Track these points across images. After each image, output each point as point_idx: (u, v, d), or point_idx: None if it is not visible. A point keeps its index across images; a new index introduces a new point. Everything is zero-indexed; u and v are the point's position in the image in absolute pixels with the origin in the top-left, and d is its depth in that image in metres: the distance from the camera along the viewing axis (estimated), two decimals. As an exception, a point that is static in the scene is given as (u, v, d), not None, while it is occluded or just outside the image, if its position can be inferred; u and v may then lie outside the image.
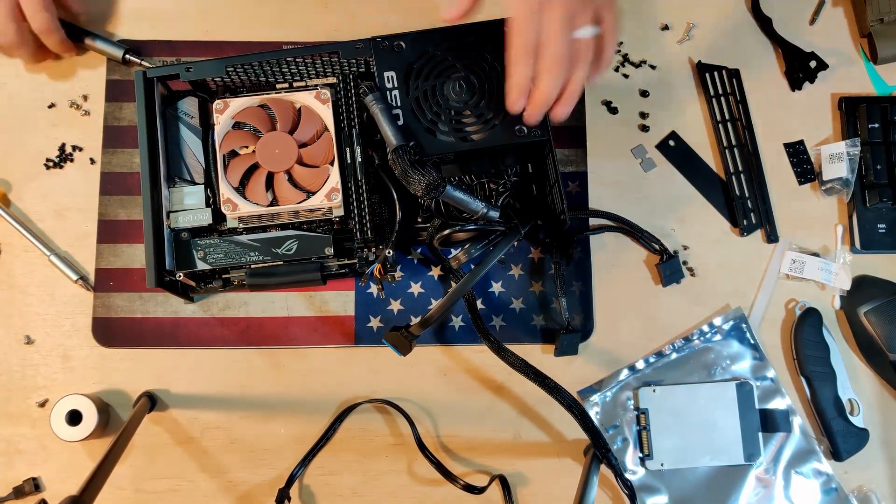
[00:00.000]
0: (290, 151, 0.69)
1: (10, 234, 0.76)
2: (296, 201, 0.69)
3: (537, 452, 0.74)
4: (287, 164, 0.69)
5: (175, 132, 0.72)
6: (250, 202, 0.69)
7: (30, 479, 0.72)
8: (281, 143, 0.69)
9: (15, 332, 0.75)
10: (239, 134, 0.71)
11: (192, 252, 0.70)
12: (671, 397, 0.74)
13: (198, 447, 0.74)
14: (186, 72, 0.70)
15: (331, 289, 0.76)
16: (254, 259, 0.70)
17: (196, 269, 0.70)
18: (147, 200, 0.68)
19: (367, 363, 0.75)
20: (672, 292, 0.77)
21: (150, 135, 0.69)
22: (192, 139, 0.72)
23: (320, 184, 0.69)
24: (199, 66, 0.70)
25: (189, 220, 0.70)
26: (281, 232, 0.70)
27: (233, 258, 0.70)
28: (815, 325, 0.75)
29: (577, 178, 0.79)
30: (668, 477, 0.74)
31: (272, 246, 0.70)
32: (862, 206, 0.79)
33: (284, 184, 0.69)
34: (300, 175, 0.69)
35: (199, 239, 0.70)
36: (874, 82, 0.82)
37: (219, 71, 0.70)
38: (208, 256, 0.70)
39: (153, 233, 0.68)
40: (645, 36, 0.82)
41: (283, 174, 0.69)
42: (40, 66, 0.79)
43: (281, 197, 0.69)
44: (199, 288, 0.73)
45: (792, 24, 0.83)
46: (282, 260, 0.70)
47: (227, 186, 0.69)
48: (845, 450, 0.73)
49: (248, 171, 0.70)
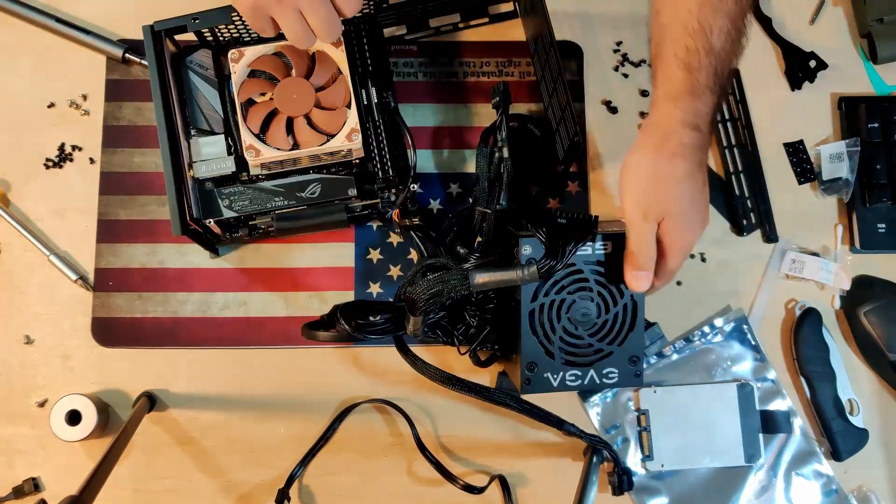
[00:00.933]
0: (308, 96, 0.70)
1: (9, 234, 0.76)
2: (316, 144, 0.69)
3: (537, 452, 0.74)
4: (306, 108, 0.70)
5: (190, 85, 0.72)
6: (272, 147, 0.69)
7: (29, 479, 0.72)
8: (298, 88, 0.70)
9: (15, 332, 0.75)
10: (256, 82, 0.71)
11: (217, 201, 0.71)
12: (672, 398, 0.74)
13: (198, 447, 0.74)
14: (193, 21, 0.69)
15: (330, 288, 0.76)
16: (279, 204, 0.71)
17: (223, 218, 0.70)
18: (166, 151, 0.68)
19: (366, 363, 0.75)
20: (672, 293, 0.77)
21: (163, 86, 0.69)
22: (208, 90, 0.72)
23: (339, 126, 0.70)
24: (205, 16, 0.69)
25: (212, 170, 0.71)
26: (303, 176, 0.71)
27: (258, 204, 0.71)
28: (815, 325, 0.75)
29: (577, 178, 0.79)
30: (669, 478, 0.74)
31: (296, 190, 0.71)
32: (862, 206, 0.78)
33: (304, 128, 0.70)
34: (319, 118, 0.70)
35: (222, 188, 0.71)
36: (874, 82, 0.82)
37: (226, 19, 0.69)
38: (234, 204, 0.70)
39: (174, 182, 0.67)
40: (645, 36, 0.82)
41: (303, 118, 0.70)
42: (40, 65, 0.79)
43: (302, 141, 0.70)
44: (225, 238, 0.74)
45: (792, 23, 0.83)
46: (306, 204, 0.71)
47: (248, 133, 0.69)
48: (845, 450, 0.73)
49: (268, 117, 0.70)
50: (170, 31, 0.70)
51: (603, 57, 0.81)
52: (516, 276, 0.61)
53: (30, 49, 0.80)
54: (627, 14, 0.82)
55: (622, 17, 0.82)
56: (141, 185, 0.77)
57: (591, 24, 0.82)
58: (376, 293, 0.76)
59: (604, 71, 0.81)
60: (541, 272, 0.61)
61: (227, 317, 0.76)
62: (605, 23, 0.82)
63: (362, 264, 0.77)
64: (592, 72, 0.81)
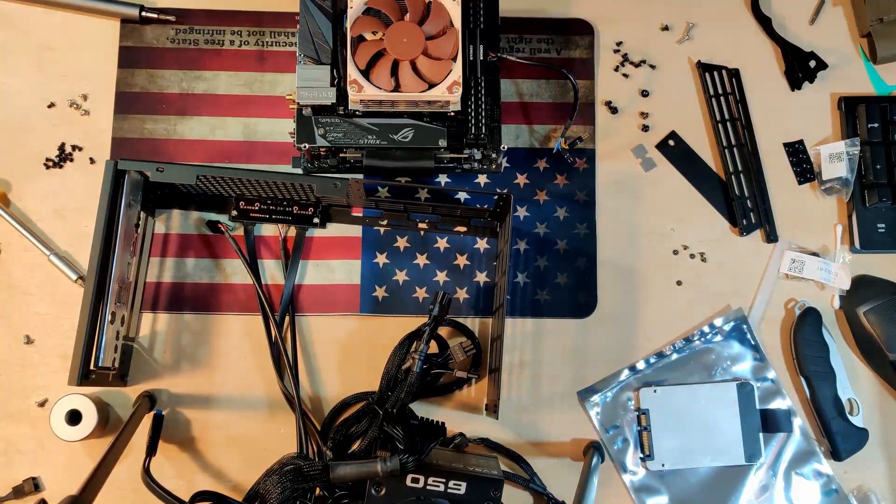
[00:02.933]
0: (417, 41, 0.70)
1: (9, 234, 0.76)
2: (418, 90, 0.70)
3: (537, 452, 0.74)
4: (413, 54, 0.70)
5: (307, 12, 0.73)
6: (374, 86, 0.70)
7: (29, 479, 0.72)
8: (409, 33, 0.70)
9: (15, 332, 0.75)
10: (370, 20, 0.72)
11: (313, 128, 0.72)
12: (672, 398, 0.74)
13: (198, 447, 0.74)
14: (156, 171, 0.70)
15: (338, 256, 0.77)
16: (371, 142, 0.72)
17: (316, 145, 0.71)
18: (89, 293, 0.67)
19: (366, 363, 0.75)
20: (672, 292, 0.77)
21: (108, 226, 0.68)
22: (322, 21, 0.73)
23: (442, 76, 0.70)
24: (169, 168, 0.70)
25: (313, 97, 0.71)
26: (398, 119, 0.72)
27: (351, 138, 0.72)
28: (815, 325, 0.75)
29: (585, 154, 0.79)
30: (669, 477, 0.74)
31: (390, 132, 0.72)
32: (861, 206, 0.79)
33: (408, 72, 0.70)
34: (424, 66, 0.71)
35: (320, 117, 0.72)
36: (874, 82, 0.82)
37: (189, 178, 0.70)
38: (328, 134, 0.72)
39: (87, 327, 0.66)
40: (645, 36, 0.82)
41: (408, 63, 0.71)
42: (40, 65, 0.79)
43: (404, 84, 0.70)
44: (313, 165, 0.76)
45: (792, 23, 0.83)
46: (397, 147, 0.72)
47: (353, 68, 0.70)
48: (845, 449, 0.73)
49: (374, 56, 0.71)
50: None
51: (604, 57, 0.82)
52: (378, 469, 0.63)
53: (30, 49, 0.80)
54: (628, 14, 0.82)
55: (622, 18, 0.82)
56: (152, 151, 0.78)
57: (591, 25, 0.82)
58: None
59: (604, 71, 0.81)
60: (402, 465, 0.63)
61: (234, 283, 0.77)
62: (605, 23, 0.82)
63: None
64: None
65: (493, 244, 0.78)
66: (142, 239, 0.74)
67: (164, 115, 0.79)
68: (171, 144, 0.78)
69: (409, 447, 0.65)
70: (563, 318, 0.77)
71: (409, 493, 0.64)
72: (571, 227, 0.78)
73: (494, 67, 0.73)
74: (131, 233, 0.71)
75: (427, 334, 0.69)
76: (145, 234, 0.75)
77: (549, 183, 0.79)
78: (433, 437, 0.68)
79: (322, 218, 0.76)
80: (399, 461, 0.63)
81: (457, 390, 0.75)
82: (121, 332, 0.71)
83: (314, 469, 0.63)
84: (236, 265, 0.77)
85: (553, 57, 0.81)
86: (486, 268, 0.77)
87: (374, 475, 0.63)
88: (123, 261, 0.69)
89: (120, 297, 0.69)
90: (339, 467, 0.64)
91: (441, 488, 0.64)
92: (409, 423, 0.70)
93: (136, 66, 0.80)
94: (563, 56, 0.81)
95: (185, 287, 0.76)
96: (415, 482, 0.64)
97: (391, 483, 0.64)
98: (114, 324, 0.69)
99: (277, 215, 0.76)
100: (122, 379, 0.73)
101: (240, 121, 0.79)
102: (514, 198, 0.76)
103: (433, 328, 0.69)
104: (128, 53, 0.80)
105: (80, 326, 0.66)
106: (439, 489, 0.64)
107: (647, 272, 0.78)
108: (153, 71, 0.80)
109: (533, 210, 0.79)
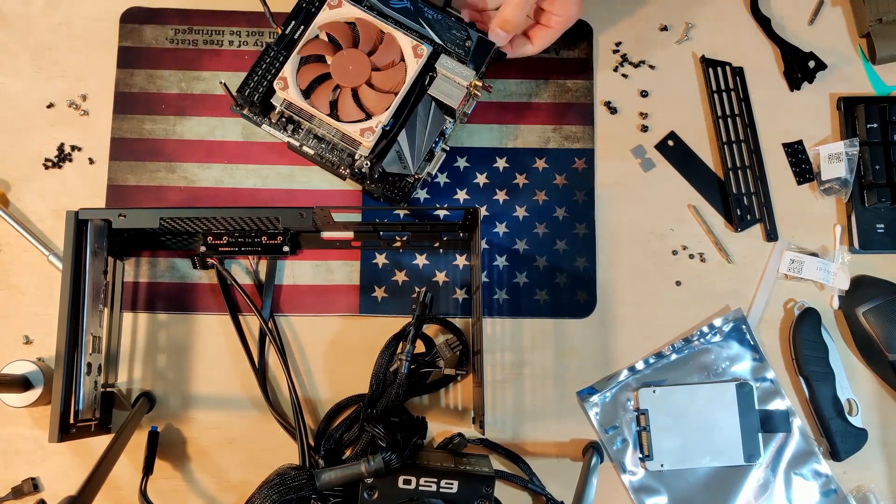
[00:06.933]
0: (364, 71, 0.71)
1: (9, 234, 0.76)
2: (355, 118, 0.71)
3: (536, 452, 0.74)
4: (356, 82, 0.71)
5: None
6: (297, 90, 0.71)
7: (28, 479, 0.72)
8: (356, 61, 0.71)
9: (14, 332, 0.75)
10: (320, 43, 0.72)
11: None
12: (671, 398, 0.74)
13: (197, 447, 0.74)
14: (118, 217, 0.70)
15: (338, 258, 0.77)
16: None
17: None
18: (62, 344, 0.66)
19: (366, 362, 0.75)
20: (671, 292, 0.77)
21: (76, 276, 0.67)
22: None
23: (382, 109, 0.70)
24: (132, 214, 0.70)
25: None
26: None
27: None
28: (814, 325, 0.75)
29: (584, 155, 0.79)
30: (668, 478, 0.74)
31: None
32: (860, 206, 0.79)
33: (349, 99, 0.71)
34: (366, 95, 0.71)
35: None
36: (873, 82, 0.82)
37: (152, 222, 0.69)
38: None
39: (64, 377, 0.66)
40: (644, 36, 0.82)
41: (349, 90, 0.71)
42: (39, 65, 0.80)
43: (342, 111, 0.71)
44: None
45: (791, 24, 0.83)
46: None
47: (290, 68, 0.71)
48: (844, 450, 0.73)
49: (319, 78, 0.72)
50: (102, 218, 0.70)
51: (603, 57, 0.82)
52: (363, 469, 0.63)
53: (30, 49, 0.80)
54: (627, 14, 0.82)
55: (621, 18, 0.82)
56: (151, 151, 0.78)
57: (591, 25, 0.82)
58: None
59: (603, 71, 0.81)
60: (386, 463, 0.63)
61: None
62: (603, 23, 0.82)
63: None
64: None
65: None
66: (112, 284, 0.73)
67: (163, 116, 0.79)
68: (171, 145, 0.79)
69: (392, 445, 0.65)
70: (563, 318, 0.77)
71: (401, 495, 0.64)
72: (571, 227, 0.78)
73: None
74: (100, 280, 0.70)
75: (412, 335, 0.69)
76: (114, 278, 0.74)
77: (548, 183, 0.79)
78: (415, 432, 0.68)
79: (292, 245, 0.76)
80: (382, 460, 0.63)
81: (447, 386, 0.75)
82: (99, 381, 0.70)
83: (299, 479, 0.63)
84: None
85: (552, 57, 0.81)
86: (486, 268, 0.77)
87: (359, 477, 0.63)
88: (95, 309, 0.69)
89: (95, 345, 0.69)
90: (324, 474, 0.64)
91: (433, 488, 0.64)
92: (390, 420, 0.70)
93: (136, 67, 0.80)
94: (561, 56, 0.81)
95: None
96: (407, 483, 0.64)
97: (383, 486, 0.64)
98: (90, 374, 0.68)
99: (246, 247, 0.75)
100: (103, 427, 0.72)
101: (239, 121, 0.79)
102: (513, 198, 0.76)
103: (417, 328, 0.69)
104: (127, 53, 0.80)
105: (56, 383, 0.65)
106: (431, 489, 0.64)
107: (646, 272, 0.78)
108: (152, 71, 0.80)
109: (532, 210, 0.79)
